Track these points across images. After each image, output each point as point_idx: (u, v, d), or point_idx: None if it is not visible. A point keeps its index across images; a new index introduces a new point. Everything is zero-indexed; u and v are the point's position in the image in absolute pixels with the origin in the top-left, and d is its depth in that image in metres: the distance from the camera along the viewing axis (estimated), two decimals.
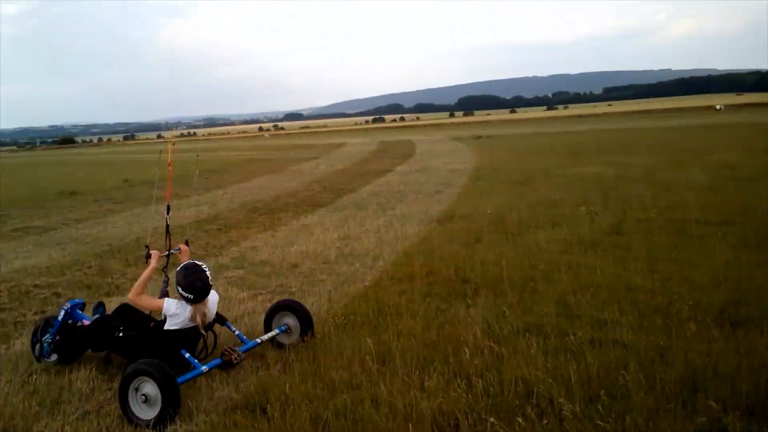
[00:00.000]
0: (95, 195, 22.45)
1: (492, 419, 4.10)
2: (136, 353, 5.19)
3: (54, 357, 5.86)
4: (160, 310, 5.31)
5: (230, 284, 8.68)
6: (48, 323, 5.97)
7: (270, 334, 5.90)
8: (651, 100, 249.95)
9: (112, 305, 6.65)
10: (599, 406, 4.15)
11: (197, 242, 11.98)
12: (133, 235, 13.26)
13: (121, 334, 5.46)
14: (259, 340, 5.73)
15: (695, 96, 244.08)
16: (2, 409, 4.95)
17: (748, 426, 3.77)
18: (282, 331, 6.02)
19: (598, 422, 3.96)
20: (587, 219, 11.45)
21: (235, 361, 5.27)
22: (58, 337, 5.81)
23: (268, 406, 4.65)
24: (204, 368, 5.09)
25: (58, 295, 8.57)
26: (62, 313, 5.89)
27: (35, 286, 9.19)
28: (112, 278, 9.51)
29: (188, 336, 5.34)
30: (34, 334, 5.95)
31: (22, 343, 6.55)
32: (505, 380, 4.67)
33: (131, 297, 5.45)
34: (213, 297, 5.57)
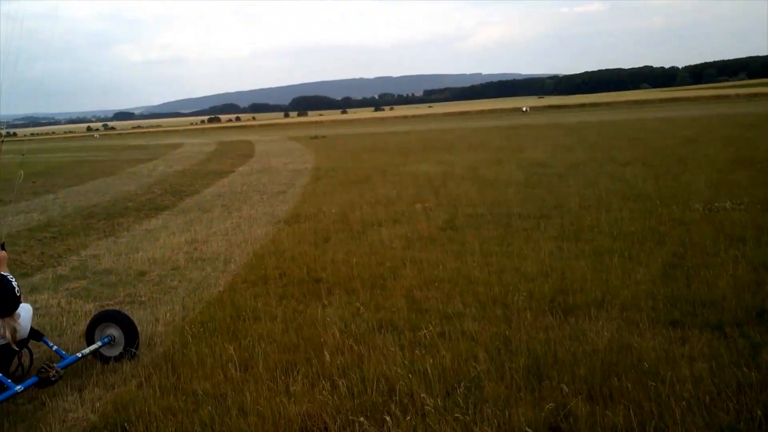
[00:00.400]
0: None
1: (361, 419, 4.09)
2: None
3: None
4: None
5: (73, 296, 7.98)
6: None
7: (92, 348, 5.46)
8: (466, 102, 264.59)
9: None
10: (458, 399, 4.29)
11: (30, 252, 10.91)
12: None
13: None
14: (79, 355, 5.29)
15: (504, 99, 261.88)
16: None
17: (591, 408, 4.06)
18: (105, 343, 5.58)
19: (458, 415, 4.08)
20: (423, 215, 11.81)
21: (53, 379, 4.80)
22: None
23: (128, 424, 4.32)
24: (18, 388, 4.61)
25: None
26: None
27: None
28: None
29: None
30: None
31: None
32: (367, 379, 4.69)
33: None
34: (26, 312, 5.08)
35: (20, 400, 4.84)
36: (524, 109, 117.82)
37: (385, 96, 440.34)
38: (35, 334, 5.28)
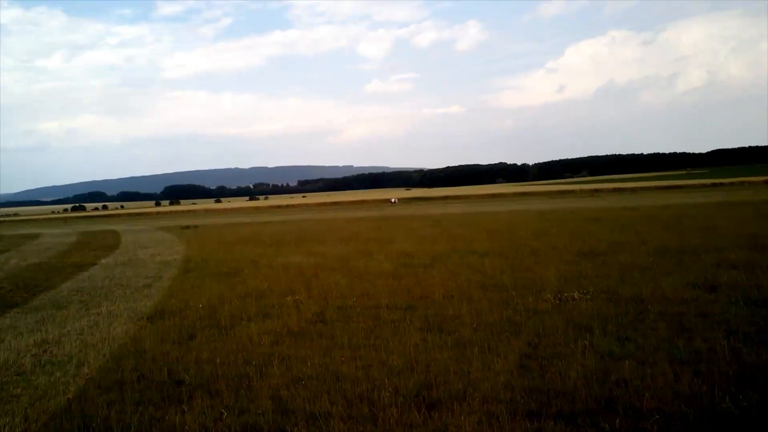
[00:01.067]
0: None
1: None
2: None
3: None
4: None
5: None
6: None
7: None
8: (339, 192, 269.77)
9: None
10: None
11: None
12: None
13: None
14: None
15: (374, 190, 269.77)
16: None
17: None
18: None
19: None
20: (294, 309, 11.56)
21: None
22: None
23: None
24: None
25: None
26: None
27: None
28: None
29: None
30: None
31: None
32: None
33: None
34: None
35: None
36: (393, 200, 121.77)
37: (260, 185, 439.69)
38: None
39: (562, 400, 5.81)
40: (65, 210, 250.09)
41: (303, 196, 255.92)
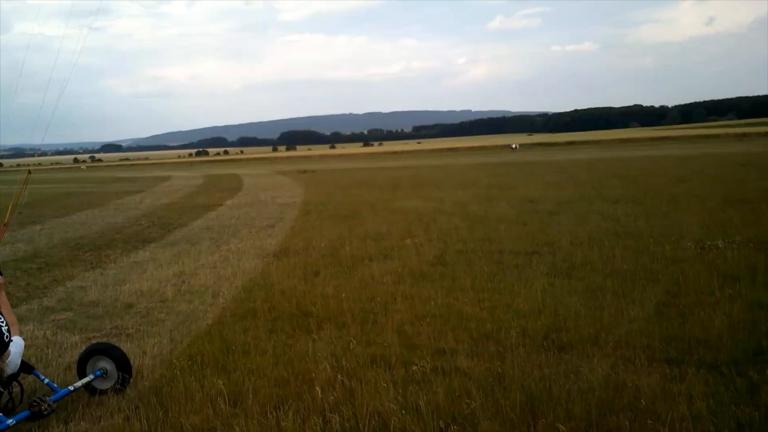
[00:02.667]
0: None
1: None
2: None
3: None
4: None
5: (59, 328, 7.87)
6: None
7: (84, 380, 5.39)
8: (456, 138, 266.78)
9: None
10: None
11: (16, 283, 10.78)
12: None
13: None
14: (72, 388, 5.23)
15: (494, 135, 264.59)
16: None
17: None
18: (97, 376, 5.50)
19: None
20: (414, 251, 11.83)
21: (45, 412, 4.74)
22: None
23: None
24: (10, 422, 4.59)
25: None
26: None
27: None
28: None
29: None
30: None
31: None
32: (359, 414, 4.64)
33: None
34: (16, 347, 5.02)
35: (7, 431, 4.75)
36: (514, 146, 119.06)
37: (374, 131, 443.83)
38: (26, 367, 5.22)
39: (704, 348, 5.65)
40: (190, 154, 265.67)
41: (418, 143, 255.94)
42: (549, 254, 10.70)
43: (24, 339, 7.05)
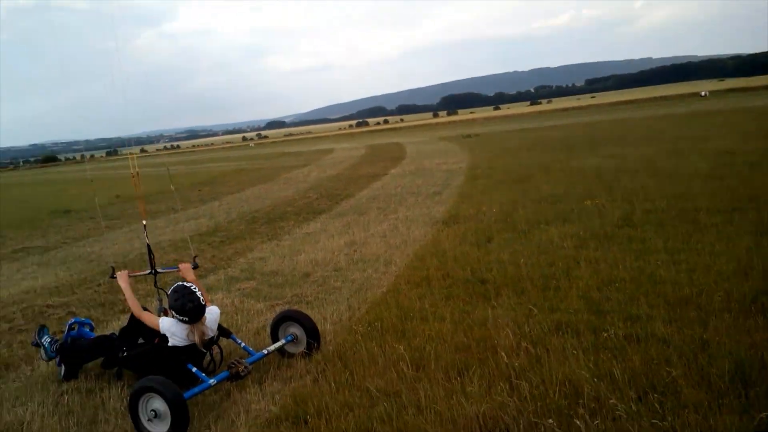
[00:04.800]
0: (90, 212, 22.22)
1: (549, 420, 4.04)
2: (145, 369, 5.31)
3: (57, 358, 6.12)
4: (158, 328, 5.44)
5: (245, 296, 8.60)
6: (41, 328, 6.49)
7: (277, 345, 5.89)
8: (634, 89, 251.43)
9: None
10: (654, 404, 4.11)
11: (202, 255, 11.87)
12: (136, 251, 13.12)
13: (125, 354, 5.59)
14: (266, 351, 5.72)
15: (678, 83, 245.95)
16: (43, 430, 4.93)
17: None
18: (289, 341, 6.02)
19: (654, 420, 3.92)
20: (596, 212, 11.43)
21: (242, 373, 5.28)
22: (59, 352, 6.08)
23: (308, 417, 4.59)
24: (212, 381, 5.11)
25: (72, 314, 8.45)
26: (67, 329, 6.36)
27: (48, 306, 9.11)
28: (123, 296, 9.42)
29: (192, 351, 5.39)
30: (33, 340, 6.41)
31: (47, 364, 6.47)
32: (548, 381, 4.62)
33: (135, 313, 5.70)
34: (212, 314, 5.58)
35: (207, 392, 5.32)
36: (703, 93, 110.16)
37: (541, 88, 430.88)
38: (224, 331, 5.84)
39: None
40: (350, 126, 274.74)
41: (592, 97, 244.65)
42: (753, 210, 9.86)
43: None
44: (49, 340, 6.32)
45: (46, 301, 9.30)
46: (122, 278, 6.10)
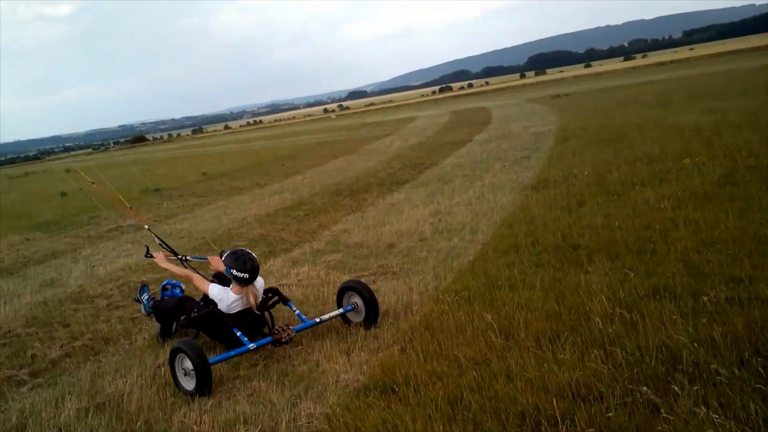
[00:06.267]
0: (178, 190, 23.19)
1: (643, 388, 3.99)
2: (207, 331, 6.08)
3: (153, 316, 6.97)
4: (208, 293, 6.06)
5: (330, 268, 8.83)
6: (143, 286, 7.50)
7: (332, 314, 6.22)
8: (735, 39, 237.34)
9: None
10: (758, 369, 4.00)
11: (288, 229, 12.23)
12: (224, 227, 13.64)
13: (194, 314, 6.09)
14: (318, 320, 6.08)
15: None
16: (141, 401, 5.27)
17: None
18: (348, 310, 6.32)
19: (758, 385, 3.81)
20: (694, 171, 11.00)
21: (284, 340, 5.67)
22: (153, 310, 6.86)
23: (396, 386, 4.70)
24: (251, 346, 5.59)
25: (165, 288, 8.94)
26: (161, 289, 7.27)
27: (143, 282, 9.62)
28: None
29: (243, 316, 5.93)
30: (136, 296, 7.35)
31: (143, 338, 6.90)
32: (644, 347, 4.56)
33: (185, 278, 6.52)
34: (259, 281, 6.13)
35: (296, 362, 5.55)
36: None
37: (636, 42, 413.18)
38: (283, 299, 6.30)
39: None
40: (433, 92, 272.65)
41: (690, 49, 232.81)
42: None
43: (300, 279, 8.19)
44: (147, 297, 7.19)
45: (141, 278, 9.83)
46: (161, 259, 6.89)
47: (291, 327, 5.82)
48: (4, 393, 6.01)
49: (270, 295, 6.27)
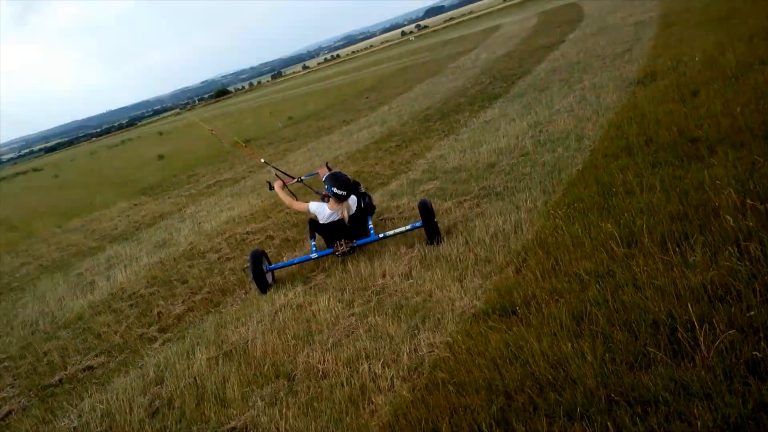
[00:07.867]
0: (268, 138, 23.69)
1: None
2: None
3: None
4: (307, 211, 7.42)
5: (430, 196, 8.82)
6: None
7: (396, 230, 7.07)
8: None
9: None
10: None
11: (381, 162, 12.27)
12: (316, 168, 13.82)
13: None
14: (380, 236, 7.08)
15: None
16: (265, 346, 5.60)
17: None
18: (416, 227, 6.94)
19: None
20: None
21: (338, 251, 7.08)
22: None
23: (516, 308, 4.70)
24: (313, 255, 7.14)
25: (271, 237, 9.34)
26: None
27: (248, 233, 10.05)
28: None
29: (336, 226, 7.16)
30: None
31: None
32: None
33: (287, 203, 7.69)
34: (353, 198, 7.26)
35: (408, 294, 5.66)
36: None
37: None
38: (366, 212, 7.52)
39: None
40: None
41: None
42: None
43: (402, 212, 8.30)
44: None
45: (245, 229, 10.23)
46: (277, 186, 7.82)
47: (353, 242, 7.11)
48: (139, 350, 6.56)
49: (362, 207, 7.38)
